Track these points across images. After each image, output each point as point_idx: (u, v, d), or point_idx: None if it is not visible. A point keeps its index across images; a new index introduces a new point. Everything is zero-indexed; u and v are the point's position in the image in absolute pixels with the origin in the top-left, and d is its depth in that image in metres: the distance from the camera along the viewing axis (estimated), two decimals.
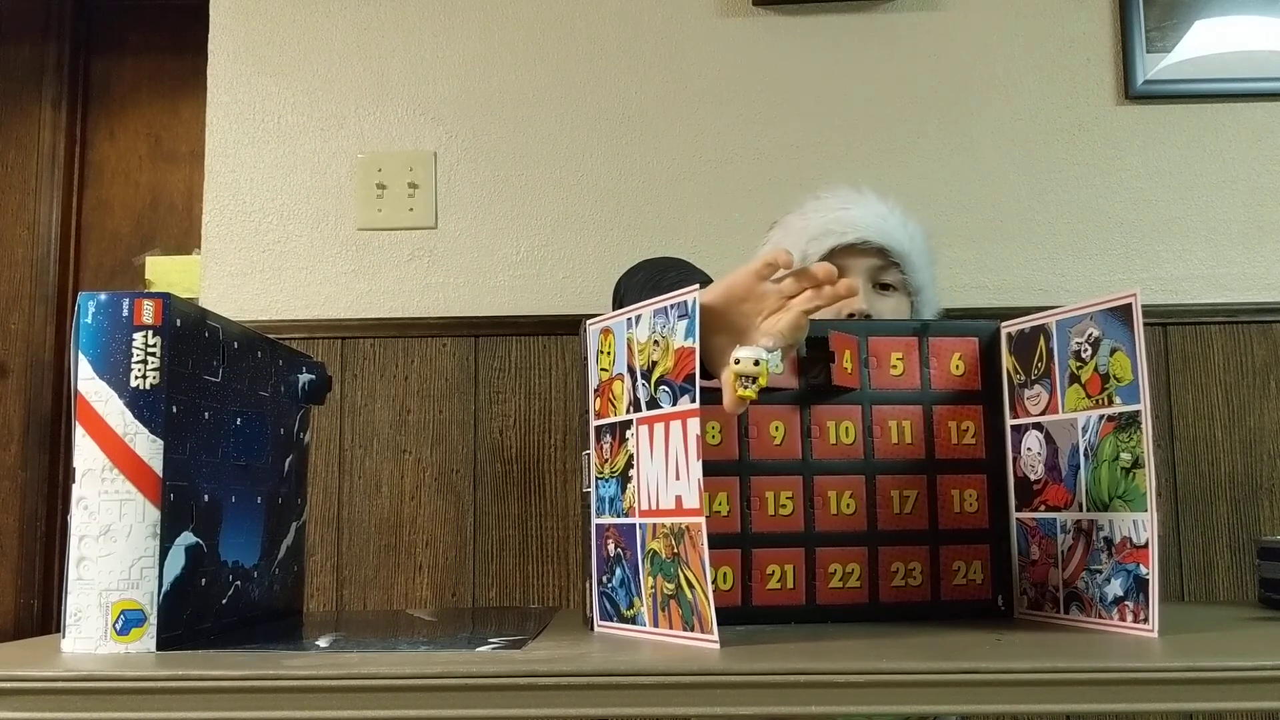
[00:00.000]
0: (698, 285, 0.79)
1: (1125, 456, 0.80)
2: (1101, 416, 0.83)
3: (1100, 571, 0.82)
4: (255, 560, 0.93)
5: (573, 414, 1.61)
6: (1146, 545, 0.78)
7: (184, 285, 2.25)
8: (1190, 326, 1.60)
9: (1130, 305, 0.80)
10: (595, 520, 0.87)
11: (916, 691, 0.64)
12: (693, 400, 0.77)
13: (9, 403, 2.54)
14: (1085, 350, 0.85)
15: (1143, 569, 0.78)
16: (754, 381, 0.78)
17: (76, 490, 0.76)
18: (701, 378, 0.78)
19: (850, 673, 0.65)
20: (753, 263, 0.84)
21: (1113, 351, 0.82)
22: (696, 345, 0.77)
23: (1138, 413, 0.79)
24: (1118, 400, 0.81)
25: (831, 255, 1.20)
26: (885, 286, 1.23)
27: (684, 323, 0.79)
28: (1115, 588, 0.81)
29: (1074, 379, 0.86)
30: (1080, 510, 0.85)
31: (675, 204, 1.66)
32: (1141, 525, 0.79)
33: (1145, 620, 0.77)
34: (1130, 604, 0.79)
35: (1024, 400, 0.92)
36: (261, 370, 0.94)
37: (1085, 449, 0.85)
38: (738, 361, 0.78)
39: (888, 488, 0.93)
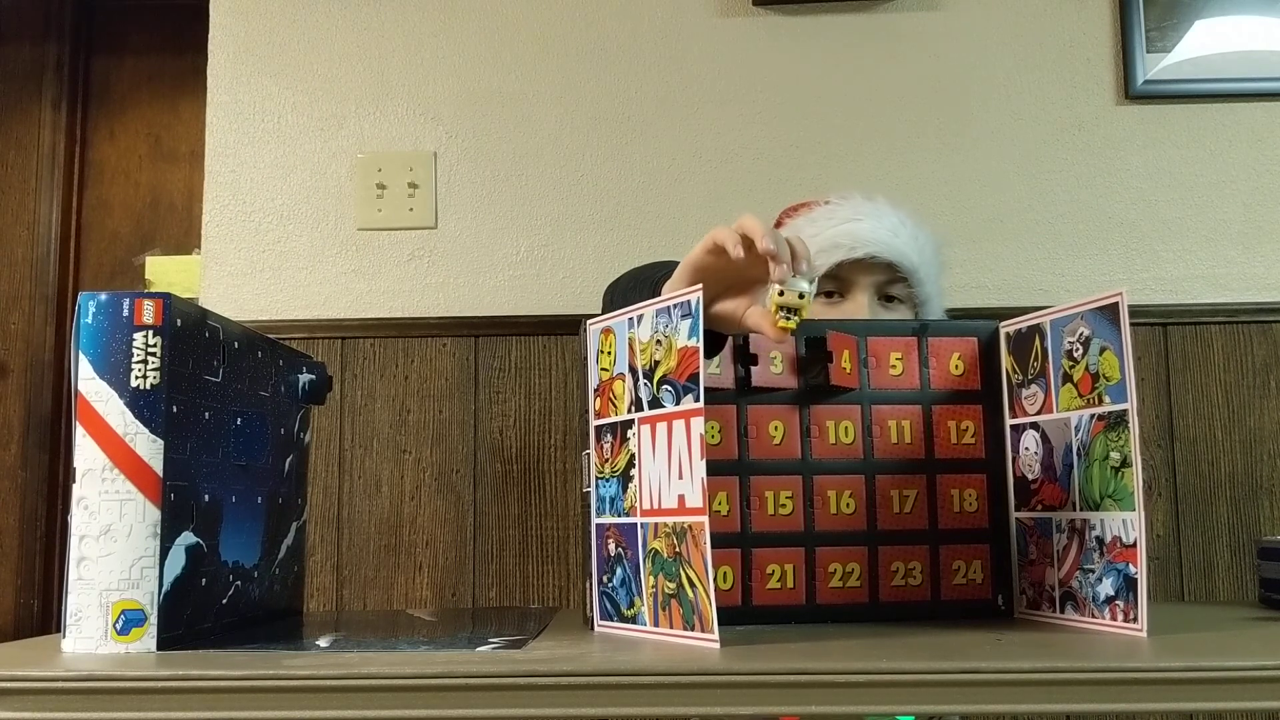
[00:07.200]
0: (700, 286, 0.79)
1: (1115, 455, 0.80)
2: (1092, 416, 0.83)
3: (1093, 571, 0.82)
4: (255, 560, 0.93)
5: (573, 414, 1.61)
6: (1135, 544, 0.78)
7: (184, 285, 2.25)
8: (1190, 326, 1.60)
9: (1117, 304, 0.80)
10: (595, 520, 0.87)
11: (916, 691, 0.64)
12: (696, 400, 0.77)
13: (9, 403, 2.54)
14: (1077, 349, 0.85)
15: (1132, 568, 0.78)
16: (796, 313, 0.79)
17: (76, 490, 0.76)
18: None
19: (850, 673, 0.65)
20: (698, 252, 0.84)
21: (1102, 350, 0.82)
22: (700, 345, 0.77)
23: (1126, 411, 0.79)
24: (1107, 399, 0.81)
25: (840, 267, 1.20)
26: (890, 298, 1.23)
27: (687, 322, 0.79)
28: (1106, 587, 0.81)
29: (1067, 378, 0.86)
30: (1074, 509, 0.85)
31: (675, 204, 1.66)
32: (1130, 524, 0.79)
33: (1134, 620, 0.77)
34: (1120, 603, 0.79)
35: (1022, 400, 0.92)
36: (261, 370, 0.95)
37: (1078, 448, 0.85)
38: (782, 294, 0.79)
39: (887, 487, 0.93)
